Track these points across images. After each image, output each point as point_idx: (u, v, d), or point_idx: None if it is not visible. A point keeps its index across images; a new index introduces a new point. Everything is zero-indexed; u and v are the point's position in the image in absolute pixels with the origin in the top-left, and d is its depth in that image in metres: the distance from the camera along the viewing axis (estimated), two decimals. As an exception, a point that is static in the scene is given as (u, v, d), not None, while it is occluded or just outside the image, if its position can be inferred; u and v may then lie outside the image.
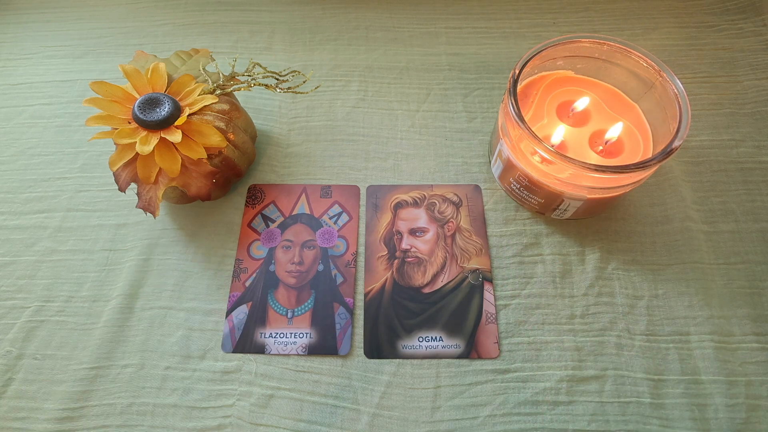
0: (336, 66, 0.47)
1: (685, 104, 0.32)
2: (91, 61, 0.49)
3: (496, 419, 0.32)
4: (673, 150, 0.30)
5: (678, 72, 0.34)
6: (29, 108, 0.46)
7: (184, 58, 0.38)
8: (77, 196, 0.41)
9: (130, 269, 0.37)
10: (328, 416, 0.32)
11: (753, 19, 0.49)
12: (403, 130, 0.43)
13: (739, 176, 0.40)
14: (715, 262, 0.36)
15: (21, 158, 0.43)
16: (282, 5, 0.52)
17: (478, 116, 0.44)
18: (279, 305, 0.35)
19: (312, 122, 0.44)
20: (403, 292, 0.36)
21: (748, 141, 0.41)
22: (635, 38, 0.48)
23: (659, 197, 0.39)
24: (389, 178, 0.41)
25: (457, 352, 0.34)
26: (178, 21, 0.51)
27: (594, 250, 0.37)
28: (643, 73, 0.35)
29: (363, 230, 0.38)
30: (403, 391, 0.33)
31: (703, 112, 0.43)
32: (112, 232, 0.39)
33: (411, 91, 0.46)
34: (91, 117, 0.33)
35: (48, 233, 0.39)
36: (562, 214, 0.37)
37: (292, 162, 0.42)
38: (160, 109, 0.33)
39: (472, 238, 0.38)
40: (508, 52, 0.48)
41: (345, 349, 0.34)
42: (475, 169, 0.41)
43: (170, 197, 0.37)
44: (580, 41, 0.35)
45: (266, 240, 0.38)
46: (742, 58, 0.46)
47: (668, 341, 0.34)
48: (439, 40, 0.49)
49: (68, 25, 0.51)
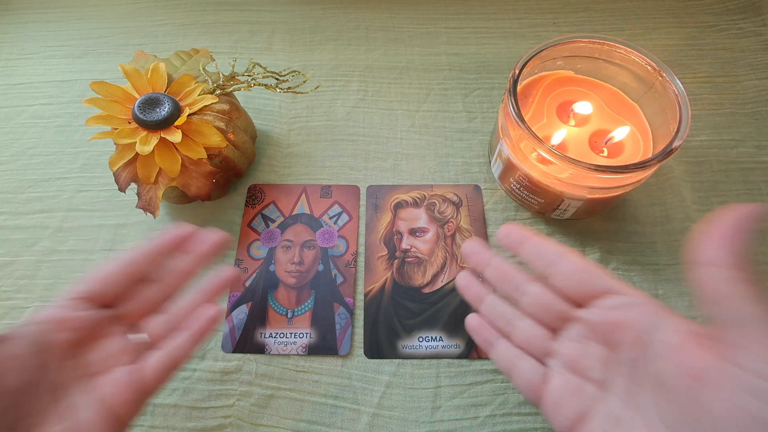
0: (336, 66, 0.47)
1: (685, 104, 0.32)
2: (91, 61, 0.49)
3: (496, 419, 0.32)
4: (673, 150, 0.30)
5: (678, 72, 0.34)
6: (29, 108, 0.46)
7: (184, 58, 0.38)
8: (77, 196, 0.41)
9: (130, 269, 0.37)
10: (328, 416, 0.32)
11: (753, 19, 0.49)
12: (403, 130, 0.43)
13: (739, 176, 0.40)
14: (715, 262, 0.36)
15: (21, 158, 0.43)
16: (282, 5, 0.52)
17: (478, 116, 0.44)
18: (279, 305, 0.35)
19: (312, 122, 0.44)
20: (403, 292, 0.36)
21: (748, 141, 0.41)
22: (635, 38, 0.48)
23: (659, 197, 0.39)
24: (389, 178, 0.41)
25: (457, 352, 0.34)
26: (178, 21, 0.51)
27: (594, 250, 0.37)
28: (643, 73, 0.35)
29: (363, 230, 0.38)
30: (403, 391, 0.33)
31: (703, 112, 0.43)
32: (112, 232, 0.39)
33: (411, 91, 0.46)
34: (91, 117, 0.33)
35: (48, 233, 0.39)
36: (562, 214, 0.37)
37: (292, 162, 0.42)
38: (160, 109, 0.33)
39: (473, 238, 0.38)
40: (508, 52, 0.48)
41: (345, 349, 0.34)
42: (475, 169, 0.41)
43: (170, 197, 0.37)
44: (580, 41, 0.35)
45: (266, 240, 0.38)
46: (742, 58, 0.46)
47: (668, 341, 0.34)
48: (439, 40, 0.49)
49: (68, 25, 0.51)
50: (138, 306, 0.27)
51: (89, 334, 0.25)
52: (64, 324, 0.25)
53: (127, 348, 0.26)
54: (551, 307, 0.25)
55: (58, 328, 0.24)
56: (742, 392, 0.17)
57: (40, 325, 0.24)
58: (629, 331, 0.22)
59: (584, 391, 0.23)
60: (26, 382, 0.23)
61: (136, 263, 0.27)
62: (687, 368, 0.20)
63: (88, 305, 0.26)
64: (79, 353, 0.25)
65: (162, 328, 0.27)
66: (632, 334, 0.22)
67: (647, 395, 0.21)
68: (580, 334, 0.25)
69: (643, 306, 0.23)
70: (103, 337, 0.26)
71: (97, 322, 0.26)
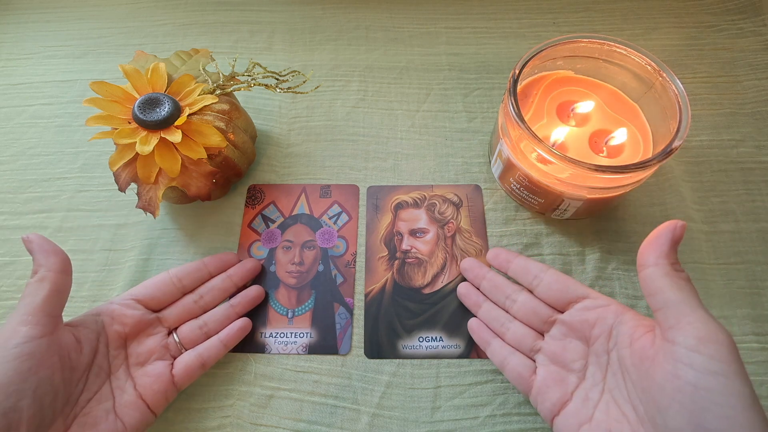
0: (336, 66, 0.47)
1: (685, 104, 0.32)
2: (91, 61, 0.49)
3: (496, 419, 0.32)
4: (673, 150, 0.30)
5: (678, 72, 0.34)
6: (29, 108, 0.46)
7: (184, 58, 0.38)
8: (77, 196, 0.41)
9: (130, 269, 0.37)
10: (328, 416, 0.32)
11: (753, 19, 0.49)
12: (403, 130, 0.43)
13: (739, 176, 0.40)
14: (715, 262, 0.36)
15: (21, 158, 0.43)
16: (282, 5, 0.52)
17: (478, 116, 0.44)
18: (279, 305, 0.35)
19: (312, 122, 0.44)
20: (404, 292, 0.36)
21: (748, 141, 0.41)
22: (635, 38, 0.48)
23: (659, 197, 0.39)
24: (389, 178, 0.41)
25: (458, 352, 0.34)
26: (178, 21, 0.51)
27: (594, 250, 0.37)
28: (643, 73, 0.35)
29: (363, 230, 0.38)
30: (403, 391, 0.33)
31: (703, 112, 0.43)
32: (112, 232, 0.39)
33: (411, 91, 0.46)
34: (91, 117, 0.33)
35: (48, 233, 0.39)
36: (562, 214, 0.37)
37: (292, 162, 0.42)
38: (160, 109, 0.33)
39: (473, 238, 0.38)
40: (508, 52, 0.48)
41: (345, 348, 0.34)
42: (475, 169, 0.41)
43: (170, 197, 0.37)
44: (580, 41, 0.35)
45: (267, 240, 0.38)
46: (742, 58, 0.46)
47: (668, 341, 0.34)
48: (439, 40, 0.49)
49: (68, 25, 0.51)
50: (178, 312, 0.32)
51: (137, 330, 0.31)
52: (119, 318, 0.30)
53: (166, 346, 0.31)
54: (537, 312, 0.30)
55: (115, 321, 0.30)
56: (679, 364, 0.21)
57: (101, 316, 0.30)
58: (600, 327, 0.27)
59: (566, 380, 0.28)
60: (89, 362, 0.28)
61: (184, 278, 0.33)
62: (639, 351, 0.24)
63: (140, 306, 0.31)
64: (127, 345, 0.30)
65: (195, 333, 0.32)
66: (602, 330, 0.27)
67: (615, 378, 0.26)
68: (561, 332, 0.29)
69: (610, 306, 0.28)
70: (148, 335, 0.31)
71: (145, 322, 0.31)
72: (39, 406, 0.24)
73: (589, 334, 0.28)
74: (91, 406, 0.27)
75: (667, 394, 0.21)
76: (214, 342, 0.32)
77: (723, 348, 0.21)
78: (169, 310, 0.32)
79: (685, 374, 0.21)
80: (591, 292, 0.29)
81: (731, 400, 0.20)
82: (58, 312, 0.27)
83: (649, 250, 0.24)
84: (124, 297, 0.31)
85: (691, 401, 0.20)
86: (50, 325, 0.25)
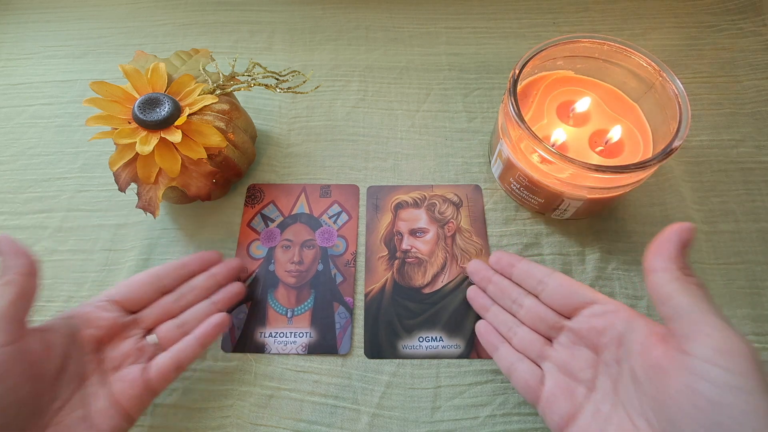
0: (336, 66, 0.47)
1: (685, 104, 0.32)
2: (91, 61, 0.49)
3: (496, 419, 0.32)
4: (673, 150, 0.30)
5: (678, 72, 0.34)
6: (29, 108, 0.46)
7: (184, 58, 0.38)
8: (77, 196, 0.41)
9: (130, 269, 0.37)
10: (328, 416, 0.32)
11: (753, 19, 0.49)
12: (403, 130, 0.43)
13: (739, 176, 0.40)
14: (715, 262, 0.36)
15: (21, 158, 0.43)
16: (282, 5, 0.52)
17: (478, 116, 0.44)
18: (279, 305, 0.35)
19: (312, 122, 0.44)
20: (404, 292, 0.36)
21: (748, 141, 0.41)
22: (635, 38, 0.48)
23: (659, 197, 0.39)
24: (389, 178, 0.41)
25: (458, 352, 0.34)
26: (178, 21, 0.51)
27: (594, 250, 0.37)
28: (643, 73, 0.35)
29: (363, 230, 0.38)
30: (403, 391, 0.33)
31: (703, 112, 0.43)
32: (112, 232, 0.39)
33: (411, 91, 0.46)
34: (91, 117, 0.33)
35: (48, 233, 0.39)
36: (562, 214, 0.37)
37: (291, 162, 0.42)
38: (160, 109, 0.33)
39: (473, 238, 0.38)
40: (508, 52, 0.48)
41: (345, 348, 0.34)
42: (475, 169, 0.41)
43: (170, 197, 0.37)
44: (580, 41, 0.35)
45: (266, 240, 0.38)
46: (742, 58, 0.46)
47: (668, 341, 0.34)
48: (439, 40, 0.49)
49: (68, 25, 0.51)
50: (157, 313, 0.31)
51: (113, 334, 0.29)
52: (93, 322, 0.28)
53: (141, 349, 0.29)
54: (543, 318, 0.29)
55: (88, 325, 0.28)
56: (695, 377, 0.20)
57: (74, 319, 0.28)
58: (609, 335, 0.26)
59: (575, 392, 0.26)
60: (59, 369, 0.26)
61: (164, 277, 0.31)
62: (652, 362, 0.22)
63: (116, 308, 0.29)
64: (101, 349, 0.28)
65: (173, 333, 0.30)
66: (612, 338, 0.26)
67: (627, 390, 0.24)
68: (569, 340, 0.28)
69: (619, 312, 0.26)
70: (123, 337, 0.29)
71: (120, 324, 0.29)
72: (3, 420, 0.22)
73: (598, 341, 0.26)
74: (64, 414, 0.25)
75: (682, 410, 0.20)
76: (189, 341, 0.30)
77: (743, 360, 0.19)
78: (148, 311, 0.31)
79: (701, 389, 0.19)
80: (599, 297, 0.28)
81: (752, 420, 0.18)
82: (24, 317, 0.25)
83: (655, 255, 0.23)
84: (99, 298, 0.29)
85: (707, 418, 0.19)
86: (15, 332, 0.24)
